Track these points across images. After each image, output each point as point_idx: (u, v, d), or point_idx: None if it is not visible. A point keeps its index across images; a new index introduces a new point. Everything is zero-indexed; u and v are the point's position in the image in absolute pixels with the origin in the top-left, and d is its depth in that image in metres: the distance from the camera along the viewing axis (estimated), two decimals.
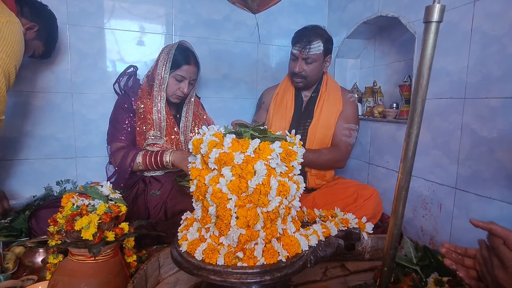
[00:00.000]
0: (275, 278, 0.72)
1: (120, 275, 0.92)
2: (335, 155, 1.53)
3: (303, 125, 1.60)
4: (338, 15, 2.06)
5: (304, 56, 1.49)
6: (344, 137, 1.57)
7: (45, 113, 1.67)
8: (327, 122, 1.57)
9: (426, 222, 1.43)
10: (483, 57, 1.18)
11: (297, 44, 1.50)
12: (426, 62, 0.61)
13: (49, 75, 1.65)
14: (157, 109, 1.44)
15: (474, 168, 1.21)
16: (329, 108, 1.58)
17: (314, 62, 1.51)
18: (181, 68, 1.42)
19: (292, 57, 1.55)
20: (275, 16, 2.04)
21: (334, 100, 1.60)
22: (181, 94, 1.46)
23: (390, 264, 0.73)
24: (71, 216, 0.86)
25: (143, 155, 1.35)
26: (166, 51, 1.44)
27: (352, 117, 1.60)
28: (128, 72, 1.54)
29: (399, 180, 0.68)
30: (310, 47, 1.47)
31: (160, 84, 1.42)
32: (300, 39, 1.49)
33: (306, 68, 1.52)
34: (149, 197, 1.40)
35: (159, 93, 1.43)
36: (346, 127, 1.58)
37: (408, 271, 1.00)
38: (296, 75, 1.54)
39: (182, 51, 1.44)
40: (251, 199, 0.73)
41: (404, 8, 1.53)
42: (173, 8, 1.83)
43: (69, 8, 1.64)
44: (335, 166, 1.61)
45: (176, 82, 1.44)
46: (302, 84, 1.57)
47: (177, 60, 1.42)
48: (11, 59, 1.10)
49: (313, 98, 1.62)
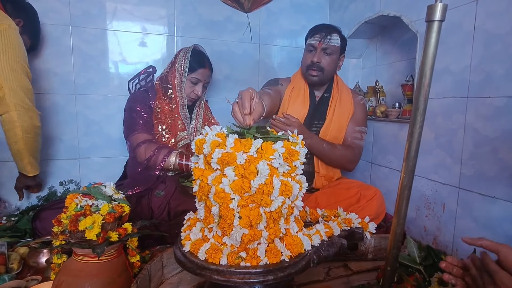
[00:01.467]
0: (278, 278, 0.72)
1: (123, 275, 0.93)
2: (349, 154, 1.52)
3: (314, 125, 1.57)
4: (339, 15, 2.06)
5: (324, 46, 1.46)
6: (356, 140, 1.55)
7: (49, 114, 1.68)
8: (339, 125, 1.55)
9: (429, 222, 1.43)
10: (486, 56, 1.17)
11: (317, 35, 1.48)
12: (428, 61, 0.61)
13: (53, 76, 1.67)
14: (183, 111, 1.48)
15: (478, 167, 1.21)
16: (341, 110, 1.56)
17: (332, 55, 1.48)
18: (197, 72, 1.46)
19: (310, 48, 1.51)
20: (276, 16, 2.04)
21: (345, 102, 1.57)
22: (195, 96, 1.50)
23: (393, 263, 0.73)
24: (75, 217, 0.87)
25: (179, 155, 1.34)
26: (182, 54, 1.47)
27: (363, 120, 1.59)
28: (147, 71, 1.56)
29: (402, 180, 0.68)
30: (330, 37, 1.46)
31: (180, 86, 1.46)
32: (320, 30, 1.48)
33: (324, 60, 1.48)
34: (153, 198, 1.41)
35: (180, 95, 1.47)
36: (358, 130, 1.56)
37: (412, 271, 1.00)
38: (313, 66, 1.49)
39: (197, 55, 1.48)
40: (254, 199, 0.74)
41: (405, 7, 1.53)
42: (174, 10, 1.84)
43: (72, 11, 1.65)
44: (346, 166, 1.58)
45: (191, 85, 1.48)
46: (317, 79, 1.51)
47: (193, 64, 1.46)
48: (23, 59, 1.21)
49: (325, 99, 1.58)
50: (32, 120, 1.25)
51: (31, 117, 1.25)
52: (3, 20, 1.18)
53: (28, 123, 1.24)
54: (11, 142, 1.26)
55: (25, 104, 1.22)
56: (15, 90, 1.18)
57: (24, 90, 1.21)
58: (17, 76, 1.19)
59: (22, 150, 1.28)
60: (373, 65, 1.99)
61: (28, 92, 1.24)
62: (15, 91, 1.18)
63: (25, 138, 1.26)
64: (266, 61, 2.08)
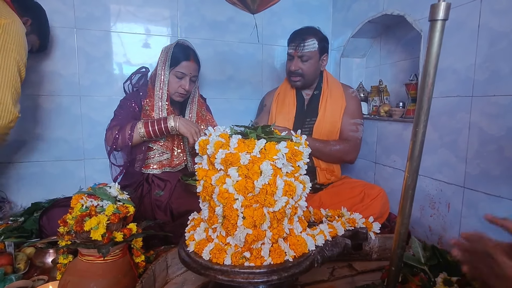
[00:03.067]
0: (282, 278, 0.72)
1: (128, 275, 0.93)
2: (344, 147, 1.53)
3: (307, 123, 1.60)
4: (342, 15, 2.05)
5: (299, 54, 1.52)
6: (351, 132, 1.57)
7: (54, 116, 1.69)
8: (332, 118, 1.57)
9: (434, 222, 1.42)
10: (490, 54, 1.16)
11: (292, 43, 1.54)
12: (432, 60, 0.61)
13: (58, 78, 1.68)
14: (158, 106, 1.45)
15: (483, 166, 1.20)
16: (332, 104, 1.59)
17: (309, 60, 1.53)
18: (181, 65, 1.44)
19: (288, 57, 1.58)
20: (279, 16, 2.04)
21: (336, 96, 1.60)
22: (183, 91, 1.47)
23: (398, 263, 0.73)
24: (81, 217, 0.88)
25: (145, 123, 1.34)
26: (165, 50, 1.46)
27: (357, 112, 1.61)
28: (140, 71, 1.58)
29: (406, 179, 0.67)
30: (304, 44, 1.50)
31: (161, 82, 1.44)
32: (294, 38, 1.54)
33: (302, 66, 1.53)
34: (154, 198, 1.42)
35: (160, 91, 1.44)
36: (352, 122, 1.58)
37: (416, 271, 1.00)
38: (293, 73, 1.56)
39: (181, 49, 1.46)
40: (257, 199, 0.74)
41: (409, 6, 1.52)
42: (178, 11, 1.85)
43: (76, 13, 1.67)
44: (344, 159, 1.59)
45: (177, 80, 1.45)
46: (300, 83, 1.58)
47: (176, 58, 1.43)
48: (21, 57, 1.16)
49: (316, 96, 1.63)
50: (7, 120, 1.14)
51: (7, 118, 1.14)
52: (7, 15, 1.16)
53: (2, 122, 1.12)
54: None
55: (6, 103, 1.12)
56: (2, 88, 1.11)
57: (11, 90, 1.14)
58: (10, 75, 1.13)
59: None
60: (376, 65, 1.98)
61: (15, 93, 1.16)
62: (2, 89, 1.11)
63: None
64: (269, 61, 2.08)
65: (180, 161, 1.52)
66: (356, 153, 1.59)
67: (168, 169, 1.50)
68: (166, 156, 1.49)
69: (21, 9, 1.34)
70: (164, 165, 1.49)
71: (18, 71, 1.17)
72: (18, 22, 1.18)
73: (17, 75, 1.16)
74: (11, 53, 1.13)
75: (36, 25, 1.43)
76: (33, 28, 1.41)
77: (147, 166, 1.48)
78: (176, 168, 1.51)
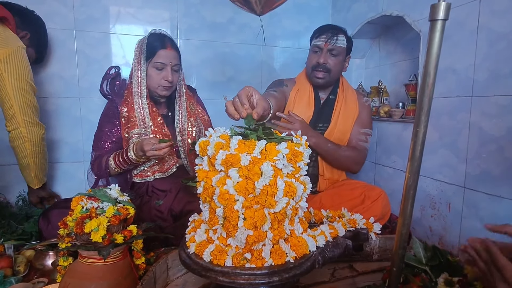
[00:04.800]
0: (283, 279, 0.72)
1: (129, 277, 0.93)
2: (354, 156, 1.50)
3: (319, 128, 1.55)
4: (342, 16, 2.05)
5: (330, 46, 1.44)
6: (361, 142, 1.54)
7: (54, 118, 1.70)
8: (344, 127, 1.53)
9: (435, 222, 1.42)
10: (490, 55, 1.16)
11: (322, 36, 1.45)
12: (432, 60, 0.61)
13: (58, 80, 1.68)
14: (138, 104, 1.33)
15: (483, 166, 1.20)
16: (346, 112, 1.54)
17: (338, 56, 1.46)
18: (158, 54, 1.31)
19: (315, 49, 1.48)
20: (279, 17, 2.05)
21: (351, 104, 1.56)
22: (167, 83, 1.34)
23: (400, 264, 0.73)
24: (81, 219, 0.87)
25: (114, 157, 1.29)
26: (139, 43, 1.35)
27: (368, 122, 1.58)
28: (110, 74, 1.40)
29: (407, 179, 0.67)
30: (337, 38, 1.44)
31: (138, 77, 1.32)
32: (326, 31, 1.46)
33: (331, 61, 1.46)
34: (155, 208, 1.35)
35: (138, 87, 1.33)
36: (363, 132, 1.54)
37: (418, 271, 0.99)
38: (319, 67, 1.47)
39: (156, 38, 1.34)
40: (258, 200, 0.74)
41: (408, 7, 1.52)
42: (177, 12, 1.85)
43: (76, 15, 1.67)
44: (350, 168, 1.56)
45: (158, 72, 1.33)
46: (323, 81, 1.49)
47: (152, 48, 1.31)
48: (30, 78, 1.31)
49: (331, 101, 1.57)
50: (39, 134, 1.36)
51: (38, 132, 1.35)
52: (13, 42, 1.26)
53: (36, 137, 1.34)
54: (20, 157, 1.35)
55: (32, 120, 1.32)
56: (24, 108, 1.28)
57: (31, 108, 1.31)
58: (25, 95, 1.29)
59: (31, 163, 1.37)
60: (376, 65, 1.98)
61: (35, 108, 1.34)
62: (24, 109, 1.28)
63: (34, 151, 1.35)
64: (269, 62, 2.09)
65: (170, 165, 1.40)
66: (362, 164, 1.56)
67: (159, 175, 1.39)
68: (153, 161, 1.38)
69: (22, 23, 1.40)
70: (155, 172, 1.39)
71: (33, 91, 1.33)
72: (21, 46, 1.29)
73: (33, 94, 1.33)
74: (23, 77, 1.27)
75: (35, 39, 1.47)
76: (31, 42, 1.44)
77: (139, 174, 1.39)
78: (167, 173, 1.40)
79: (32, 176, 1.41)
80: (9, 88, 1.24)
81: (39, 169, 1.42)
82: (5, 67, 1.22)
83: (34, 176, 1.41)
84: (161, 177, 1.40)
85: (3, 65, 1.22)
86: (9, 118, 1.28)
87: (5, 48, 1.22)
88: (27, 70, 1.29)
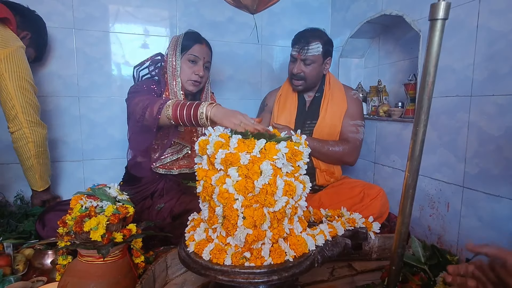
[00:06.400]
0: (283, 278, 0.72)
1: (128, 276, 0.93)
2: (344, 148, 1.52)
3: (307, 125, 1.60)
4: (341, 15, 2.05)
5: (303, 57, 1.50)
6: (351, 133, 1.56)
7: (53, 117, 1.69)
8: (333, 121, 1.57)
9: (434, 221, 1.42)
10: (489, 54, 1.16)
11: (296, 46, 1.52)
12: (432, 60, 0.61)
13: (57, 79, 1.68)
14: (174, 96, 1.33)
15: (482, 166, 1.20)
16: (333, 107, 1.58)
17: (312, 64, 1.52)
18: (193, 48, 1.34)
19: (291, 58, 1.56)
20: (278, 17, 2.04)
21: (338, 99, 1.59)
22: (197, 78, 1.34)
23: (398, 263, 0.73)
24: (80, 218, 0.87)
25: (174, 105, 1.09)
26: (175, 39, 1.37)
27: (357, 114, 1.60)
28: (155, 59, 1.43)
29: (406, 179, 0.67)
30: (308, 48, 1.49)
31: (173, 69, 1.33)
32: (299, 41, 1.52)
33: (305, 70, 1.52)
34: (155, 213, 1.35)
35: (173, 80, 1.33)
36: (352, 123, 1.57)
37: (416, 270, 1.00)
38: (295, 76, 1.55)
39: (191, 35, 1.38)
40: (257, 199, 0.74)
41: (408, 6, 1.52)
42: (177, 11, 1.84)
43: (75, 14, 1.66)
44: (344, 161, 1.57)
45: (190, 65, 1.34)
46: (301, 87, 1.57)
47: (188, 42, 1.34)
48: (30, 76, 1.31)
49: (317, 98, 1.62)
50: (42, 134, 1.35)
51: (41, 132, 1.35)
52: (13, 42, 1.25)
53: (39, 137, 1.34)
54: (24, 159, 1.34)
55: (35, 120, 1.32)
56: (26, 108, 1.28)
57: (33, 107, 1.31)
58: (27, 95, 1.28)
59: (34, 164, 1.36)
60: (375, 65, 1.98)
61: (36, 108, 1.33)
62: (26, 108, 1.28)
63: (38, 152, 1.35)
64: (268, 62, 2.08)
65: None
66: (356, 155, 1.57)
67: (187, 170, 1.38)
68: (186, 151, 1.36)
69: (23, 23, 1.40)
70: (181, 166, 1.38)
71: (33, 89, 1.32)
72: (21, 48, 1.28)
73: (33, 94, 1.32)
74: (24, 77, 1.26)
75: (35, 38, 1.46)
76: (31, 42, 1.44)
77: (163, 165, 1.36)
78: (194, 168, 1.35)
79: (36, 178, 1.40)
80: (10, 88, 1.23)
81: (43, 170, 1.41)
82: (5, 67, 1.21)
83: (39, 177, 1.40)
84: (187, 172, 1.41)
85: (4, 65, 1.21)
86: (11, 119, 1.27)
87: (5, 48, 1.21)
88: (27, 69, 1.29)
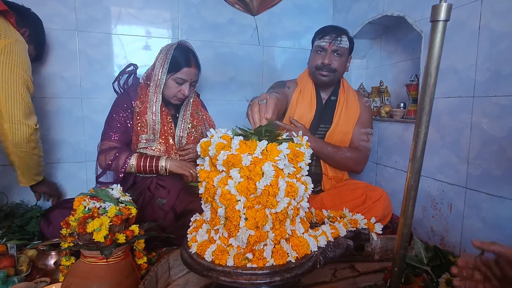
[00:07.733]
0: (285, 279, 0.72)
1: (131, 277, 0.93)
2: (356, 156, 1.51)
3: (320, 129, 1.57)
4: (343, 16, 2.06)
5: (334, 47, 1.46)
6: (362, 142, 1.54)
7: (56, 118, 1.70)
8: (346, 128, 1.54)
9: (436, 222, 1.41)
10: (491, 55, 1.16)
11: (326, 37, 1.48)
12: (433, 61, 0.61)
13: (59, 81, 1.69)
14: (152, 111, 1.39)
15: (485, 167, 1.20)
16: (347, 113, 1.56)
17: (342, 56, 1.49)
18: (182, 71, 1.38)
19: (319, 50, 1.50)
20: (279, 18, 2.05)
21: (352, 105, 1.57)
22: (182, 96, 1.43)
23: (401, 264, 0.73)
24: (83, 219, 0.88)
25: (138, 158, 1.33)
26: (164, 51, 1.39)
27: (368, 122, 1.59)
28: (127, 70, 1.50)
29: (408, 180, 0.67)
30: (340, 39, 1.46)
31: (157, 85, 1.37)
32: (329, 32, 1.48)
33: (335, 61, 1.48)
34: (156, 207, 1.37)
35: (154, 95, 1.38)
36: (364, 132, 1.55)
37: (419, 271, 0.99)
38: (324, 67, 1.49)
39: (182, 52, 1.39)
40: (259, 200, 0.74)
41: (409, 7, 1.52)
42: (178, 13, 1.85)
43: (77, 15, 1.67)
44: (353, 168, 1.56)
45: (177, 85, 1.40)
46: (328, 78, 1.50)
47: (177, 63, 1.37)
48: (26, 72, 1.24)
49: (332, 102, 1.58)
50: (24, 135, 1.24)
51: (24, 131, 1.23)
52: (10, 35, 1.22)
53: (19, 137, 1.23)
54: (6, 153, 1.28)
55: (19, 118, 1.21)
56: (12, 104, 1.20)
57: (22, 105, 1.22)
58: (17, 91, 1.20)
59: (14, 162, 1.30)
60: (377, 66, 1.98)
61: (26, 107, 1.24)
62: (12, 104, 1.20)
63: (17, 152, 1.26)
64: (269, 63, 2.09)
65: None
66: (365, 164, 1.56)
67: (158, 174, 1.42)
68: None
69: (20, 20, 1.39)
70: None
71: (26, 86, 1.24)
72: (20, 40, 1.24)
73: (25, 90, 1.23)
74: (16, 70, 1.19)
75: (33, 35, 1.46)
76: (30, 39, 1.43)
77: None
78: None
79: (19, 174, 1.36)
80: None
81: (25, 169, 1.35)
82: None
83: (21, 174, 1.36)
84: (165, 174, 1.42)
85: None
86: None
87: (3, 39, 1.17)
88: (24, 64, 1.23)
